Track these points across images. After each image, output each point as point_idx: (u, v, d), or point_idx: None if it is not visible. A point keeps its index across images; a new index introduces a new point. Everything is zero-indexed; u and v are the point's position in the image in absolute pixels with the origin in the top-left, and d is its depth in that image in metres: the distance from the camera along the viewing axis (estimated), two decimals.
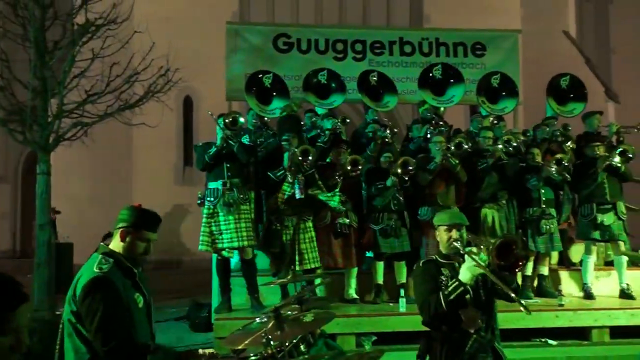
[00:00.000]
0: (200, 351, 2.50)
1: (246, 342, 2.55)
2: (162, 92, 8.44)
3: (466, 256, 2.98)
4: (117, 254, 2.60)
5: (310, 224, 5.67)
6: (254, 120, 6.88)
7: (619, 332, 5.69)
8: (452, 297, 2.93)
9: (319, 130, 6.75)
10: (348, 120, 6.93)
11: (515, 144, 6.40)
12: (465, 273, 2.96)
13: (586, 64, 12.46)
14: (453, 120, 8.03)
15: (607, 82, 12.93)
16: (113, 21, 7.93)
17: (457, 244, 3.07)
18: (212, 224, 5.49)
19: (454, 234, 3.15)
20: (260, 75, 7.06)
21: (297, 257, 5.50)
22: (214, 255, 5.83)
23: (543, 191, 6.26)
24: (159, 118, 12.04)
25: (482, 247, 2.94)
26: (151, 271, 11.91)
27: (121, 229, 2.60)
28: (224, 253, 5.55)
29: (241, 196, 5.49)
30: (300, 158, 5.46)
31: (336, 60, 8.25)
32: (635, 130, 6.88)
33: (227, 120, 5.49)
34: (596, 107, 8.00)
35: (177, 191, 14.64)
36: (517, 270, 2.99)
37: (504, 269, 2.89)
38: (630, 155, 6.21)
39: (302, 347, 2.81)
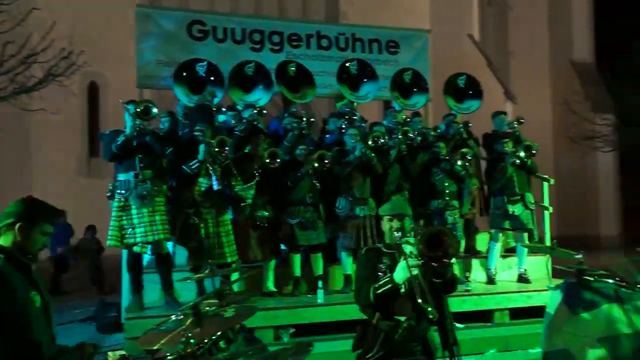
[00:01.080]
0: (110, 354, 2.37)
1: (162, 341, 2.40)
2: (64, 75, 7.87)
3: (401, 258, 2.97)
4: (7, 249, 2.39)
5: (227, 217, 5.54)
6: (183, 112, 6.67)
7: (518, 314, 6.10)
8: (380, 291, 2.96)
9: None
10: (265, 111, 6.87)
11: (411, 136, 6.64)
12: (399, 272, 2.97)
13: (488, 66, 13.31)
14: (367, 115, 8.23)
15: (506, 83, 13.89)
16: None
17: (396, 234, 3.09)
18: (124, 217, 5.16)
19: (395, 223, 3.19)
20: (189, 67, 6.77)
21: (216, 252, 5.37)
22: (124, 251, 5.53)
23: (447, 184, 6.59)
24: (60, 104, 11.26)
25: (418, 238, 2.93)
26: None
27: (18, 224, 2.39)
28: (136, 248, 5.23)
29: (155, 188, 5.20)
30: (216, 149, 5.33)
31: (253, 51, 8.14)
32: (516, 123, 7.35)
33: (138, 110, 5.15)
34: (496, 107, 8.56)
35: (82, 183, 13.80)
36: (445, 261, 2.93)
37: (433, 260, 2.87)
38: (534, 152, 6.69)
39: (221, 343, 2.70)
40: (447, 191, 6.56)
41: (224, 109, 6.97)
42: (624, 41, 13.21)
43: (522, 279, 6.75)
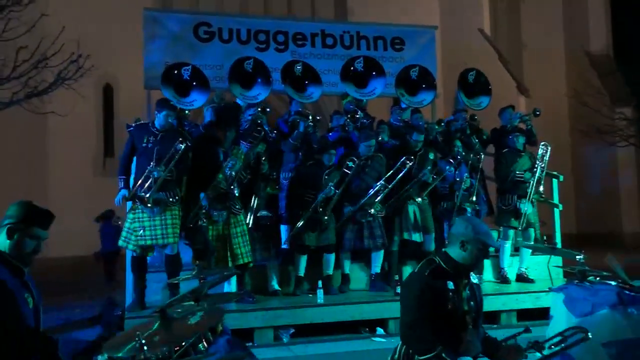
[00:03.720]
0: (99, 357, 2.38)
1: (128, 347, 2.30)
2: (72, 79, 8.01)
3: None
4: (1, 251, 2.45)
5: (241, 217, 5.55)
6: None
7: (525, 315, 5.99)
8: None
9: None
10: (268, 110, 6.88)
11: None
12: None
13: (499, 60, 13.11)
14: (377, 112, 8.17)
15: (519, 77, 13.66)
16: (17, 2, 7.42)
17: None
18: (136, 219, 5.21)
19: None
20: (176, 70, 6.82)
21: (228, 253, 5.38)
22: (128, 251, 5.57)
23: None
24: (73, 106, 11.47)
25: None
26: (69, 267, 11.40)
27: (8, 226, 2.45)
28: (136, 250, 5.27)
29: (170, 198, 5.23)
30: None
31: (259, 51, 8.15)
32: (533, 115, 7.28)
33: None
34: (508, 101, 8.41)
35: (97, 183, 14.00)
36: None
37: None
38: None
39: (200, 346, 2.56)
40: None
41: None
42: None
43: (522, 278, 6.66)
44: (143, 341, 2.20)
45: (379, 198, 6.10)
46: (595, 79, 14.88)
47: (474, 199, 6.54)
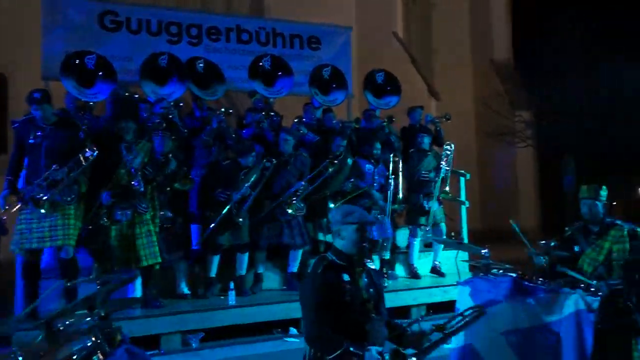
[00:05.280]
0: None
1: None
2: None
3: None
4: None
5: (148, 216, 5.26)
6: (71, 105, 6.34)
7: (436, 308, 6.18)
8: None
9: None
10: (182, 104, 6.64)
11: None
12: None
13: (412, 63, 13.56)
14: (292, 111, 8.07)
15: (430, 80, 14.21)
16: None
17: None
18: (22, 220, 4.80)
19: None
20: (78, 59, 6.40)
21: (131, 255, 5.11)
22: (17, 256, 5.12)
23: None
24: None
25: None
26: None
27: None
28: (23, 254, 4.87)
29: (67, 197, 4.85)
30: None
31: (170, 44, 7.89)
32: (444, 119, 7.58)
33: None
34: (420, 104, 8.63)
35: None
36: None
37: None
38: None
39: (95, 358, 2.37)
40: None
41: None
42: (540, 41, 13.85)
43: (436, 270, 6.94)
44: (20, 358, 1.94)
45: (299, 197, 6.03)
46: (498, 84, 15.82)
47: (400, 197, 6.67)
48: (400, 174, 6.74)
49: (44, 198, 4.69)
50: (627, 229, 4.06)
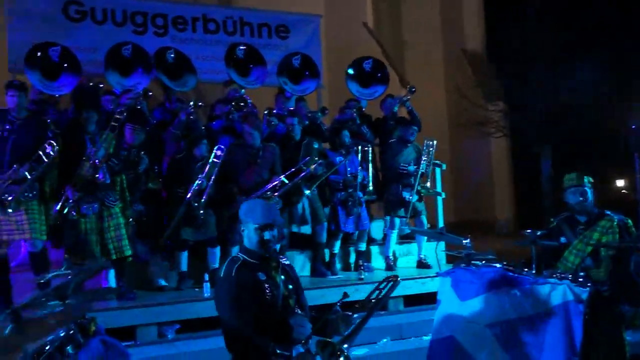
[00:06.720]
0: None
1: None
2: None
3: None
4: None
5: (117, 209, 5.16)
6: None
7: (414, 301, 6.07)
8: None
9: None
10: (151, 93, 6.47)
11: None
12: None
13: (383, 54, 13.43)
14: (263, 102, 7.90)
15: (401, 71, 14.13)
16: None
17: None
18: None
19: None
20: (41, 51, 6.22)
21: (102, 248, 5.03)
22: None
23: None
24: None
25: None
26: None
27: None
28: None
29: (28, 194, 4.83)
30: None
31: (136, 34, 7.76)
32: (410, 94, 7.32)
33: None
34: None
35: None
36: None
37: None
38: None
39: (69, 348, 2.33)
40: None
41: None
42: (512, 30, 13.92)
43: (422, 264, 6.82)
44: None
45: (277, 193, 5.85)
46: (470, 75, 15.86)
47: (371, 189, 6.57)
48: (371, 164, 6.63)
49: (9, 199, 4.68)
50: (617, 220, 4.00)
